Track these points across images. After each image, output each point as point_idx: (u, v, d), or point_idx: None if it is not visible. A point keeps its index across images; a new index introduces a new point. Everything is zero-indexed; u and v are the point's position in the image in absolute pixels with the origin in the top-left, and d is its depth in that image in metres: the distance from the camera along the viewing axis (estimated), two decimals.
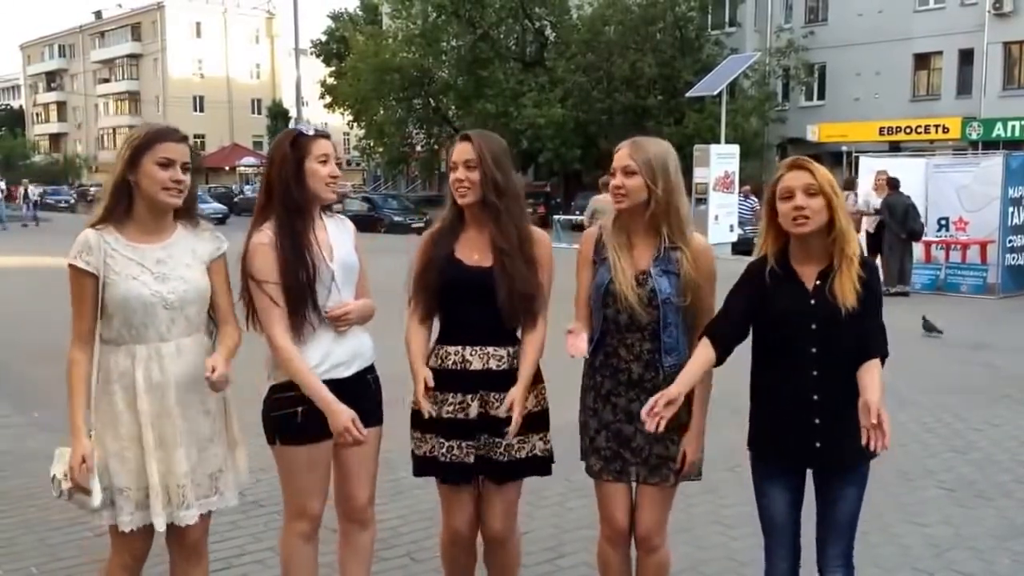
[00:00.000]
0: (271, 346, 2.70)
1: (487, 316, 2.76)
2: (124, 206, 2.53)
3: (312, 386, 2.66)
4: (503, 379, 2.77)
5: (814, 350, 2.51)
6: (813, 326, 2.51)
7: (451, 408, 2.78)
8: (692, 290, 2.66)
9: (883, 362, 2.54)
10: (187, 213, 2.64)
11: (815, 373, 2.52)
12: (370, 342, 2.87)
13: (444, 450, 2.78)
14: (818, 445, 2.55)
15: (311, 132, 2.78)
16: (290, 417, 2.70)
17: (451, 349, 2.80)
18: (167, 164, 2.50)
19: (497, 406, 2.75)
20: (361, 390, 2.80)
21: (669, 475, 2.72)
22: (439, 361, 2.82)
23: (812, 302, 2.51)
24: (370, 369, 2.87)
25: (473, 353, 2.78)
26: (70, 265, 2.51)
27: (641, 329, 2.68)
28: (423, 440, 2.84)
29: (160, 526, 2.54)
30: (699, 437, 2.73)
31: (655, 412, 2.39)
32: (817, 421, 2.54)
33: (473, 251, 2.80)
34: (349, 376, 2.76)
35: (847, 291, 2.46)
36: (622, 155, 2.69)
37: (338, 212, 3.00)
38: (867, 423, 2.32)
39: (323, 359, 2.72)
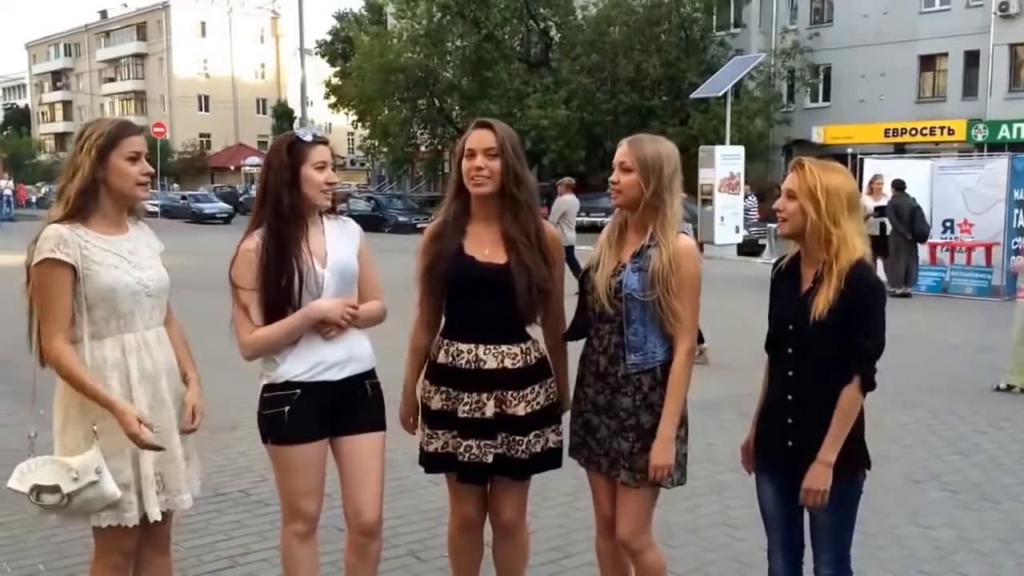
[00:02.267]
0: (241, 349, 2.71)
1: (501, 313, 2.74)
2: (92, 205, 2.52)
3: (286, 328, 2.65)
4: (519, 377, 2.77)
5: (790, 351, 2.57)
6: (790, 327, 2.56)
7: (467, 408, 2.75)
8: (661, 287, 2.61)
9: (865, 382, 2.47)
10: (132, 210, 2.67)
11: (791, 373, 2.58)
12: (368, 348, 2.84)
13: (463, 449, 2.75)
14: (790, 444, 2.57)
15: (309, 138, 2.75)
16: (277, 417, 2.71)
17: (463, 347, 2.77)
18: (135, 158, 2.53)
19: (514, 404, 2.75)
20: (354, 395, 2.77)
21: (620, 471, 2.70)
22: (450, 359, 2.79)
23: (796, 303, 2.56)
24: (369, 375, 2.83)
25: (487, 351, 2.75)
26: (45, 260, 2.43)
27: (609, 321, 2.69)
28: (434, 436, 2.82)
29: (157, 515, 2.54)
30: (665, 443, 2.63)
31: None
32: (790, 420, 2.58)
33: (484, 246, 2.76)
34: (340, 380, 2.74)
35: (818, 300, 2.47)
36: (620, 151, 2.71)
37: (341, 213, 2.99)
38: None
39: (314, 364, 2.71)
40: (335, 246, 2.78)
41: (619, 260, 2.71)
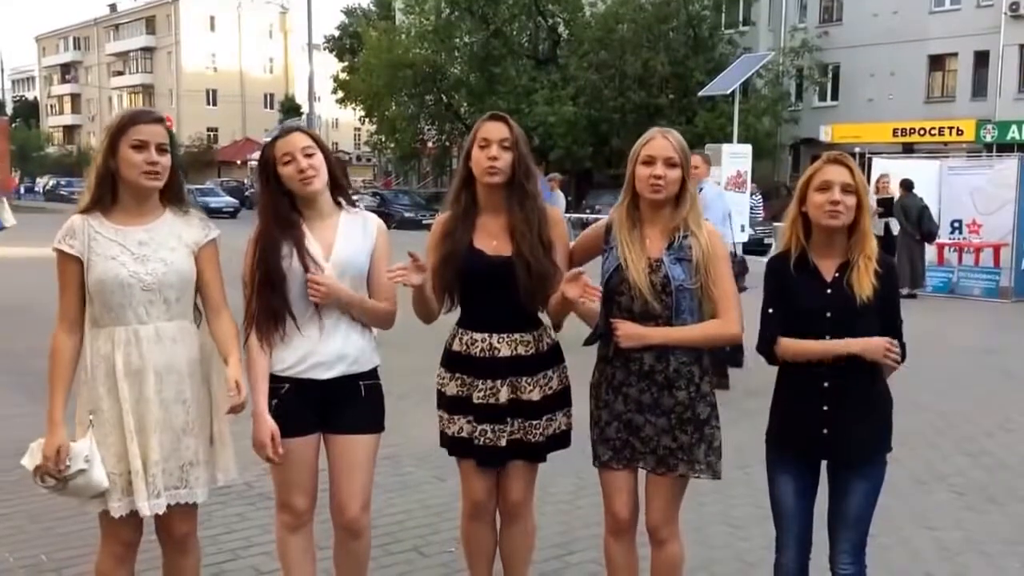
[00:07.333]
0: None
1: (511, 302, 2.79)
2: (110, 193, 2.53)
3: (252, 389, 2.64)
4: (531, 363, 2.83)
5: (828, 338, 2.56)
6: (828, 314, 2.57)
7: (481, 394, 2.81)
8: (705, 270, 2.65)
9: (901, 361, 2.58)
10: (175, 198, 2.63)
11: (828, 361, 2.57)
12: (367, 348, 2.79)
13: (478, 433, 2.81)
14: (825, 432, 2.58)
15: (273, 134, 2.76)
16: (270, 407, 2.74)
17: (477, 336, 2.83)
18: (141, 146, 2.48)
19: (529, 390, 2.81)
20: (344, 395, 2.74)
21: (677, 465, 2.70)
22: (464, 347, 2.85)
23: (828, 291, 2.58)
24: (366, 376, 2.78)
25: (500, 340, 2.81)
26: (55, 249, 2.52)
27: (655, 318, 2.66)
28: (452, 421, 2.87)
29: (145, 511, 2.52)
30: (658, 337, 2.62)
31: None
32: (826, 408, 2.58)
33: (491, 238, 2.82)
34: (329, 379, 2.71)
35: (864, 283, 2.53)
36: (664, 145, 2.67)
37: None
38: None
39: (301, 359, 2.70)
40: (345, 240, 2.74)
41: (648, 256, 2.68)
